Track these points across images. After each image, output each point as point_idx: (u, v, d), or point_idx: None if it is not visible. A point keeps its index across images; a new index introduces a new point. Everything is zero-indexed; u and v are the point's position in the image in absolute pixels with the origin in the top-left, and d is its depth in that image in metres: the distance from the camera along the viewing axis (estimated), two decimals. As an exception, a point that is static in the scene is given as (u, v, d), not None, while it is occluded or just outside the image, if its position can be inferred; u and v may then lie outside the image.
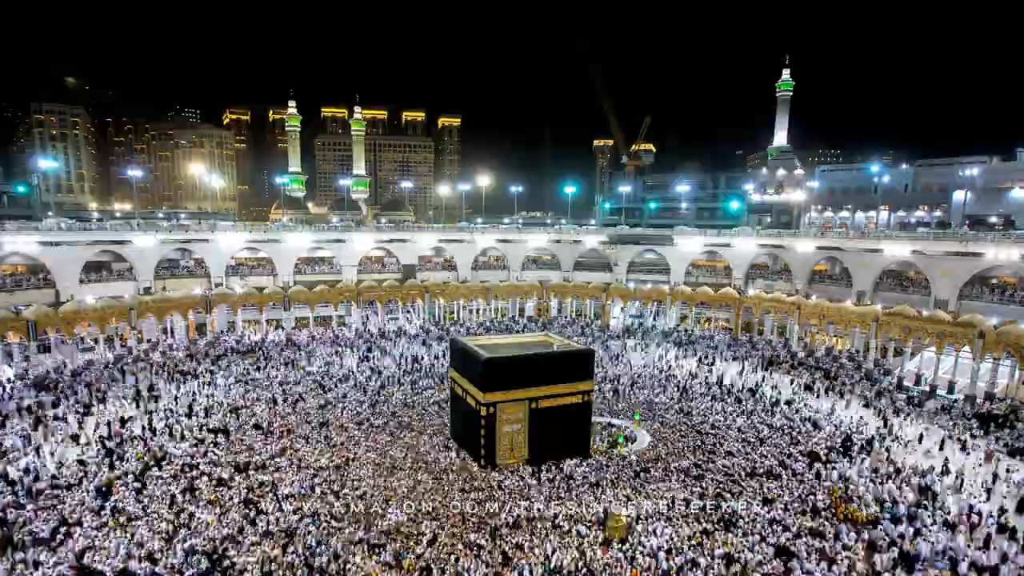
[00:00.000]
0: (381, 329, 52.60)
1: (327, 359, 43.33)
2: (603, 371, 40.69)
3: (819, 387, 38.15)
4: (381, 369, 41.17)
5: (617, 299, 59.12)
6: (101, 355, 40.78)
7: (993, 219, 59.00)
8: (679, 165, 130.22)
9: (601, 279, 63.40)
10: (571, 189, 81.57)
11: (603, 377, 39.14)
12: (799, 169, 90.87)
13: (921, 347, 40.82)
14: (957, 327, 37.70)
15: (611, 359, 45.07)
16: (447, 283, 59.58)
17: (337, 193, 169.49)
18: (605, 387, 37.27)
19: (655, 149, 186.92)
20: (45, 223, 50.73)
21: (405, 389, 36.82)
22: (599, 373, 38.26)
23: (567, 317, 60.12)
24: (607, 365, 43.17)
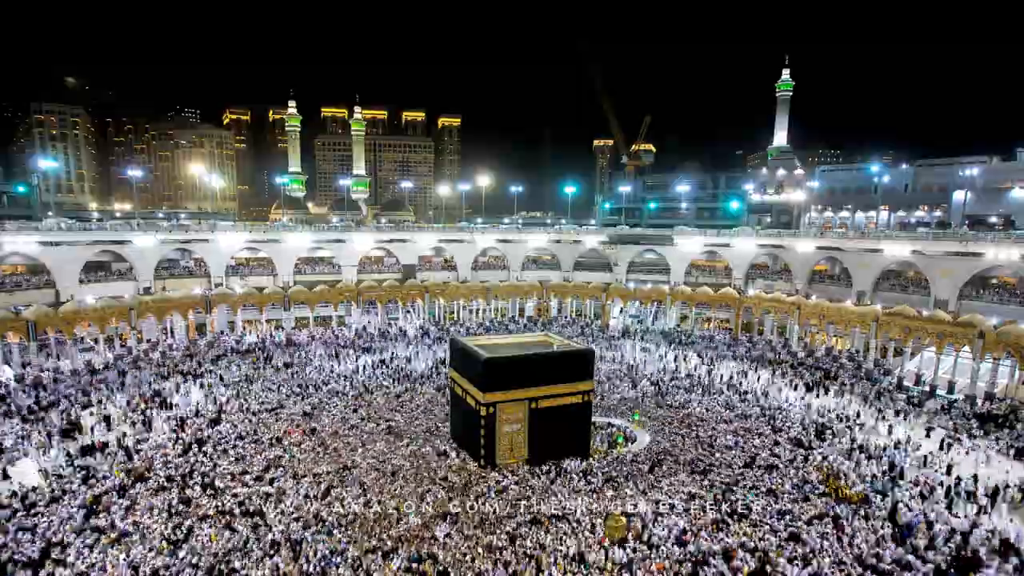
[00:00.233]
0: (381, 329, 52.60)
1: (315, 361, 42.38)
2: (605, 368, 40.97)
3: (793, 382, 39.19)
4: (362, 372, 40.08)
5: (617, 299, 59.11)
6: (101, 355, 40.79)
7: (993, 219, 59.05)
8: (679, 165, 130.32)
9: (601, 279, 63.40)
10: (571, 189, 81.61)
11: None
12: (799, 169, 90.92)
13: (921, 347, 40.82)
14: (957, 327, 37.69)
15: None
16: (447, 283, 59.57)
17: (337, 193, 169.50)
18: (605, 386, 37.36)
19: (655, 149, 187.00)
20: (45, 223, 50.75)
21: (390, 392, 35.69)
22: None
23: (567, 317, 60.10)
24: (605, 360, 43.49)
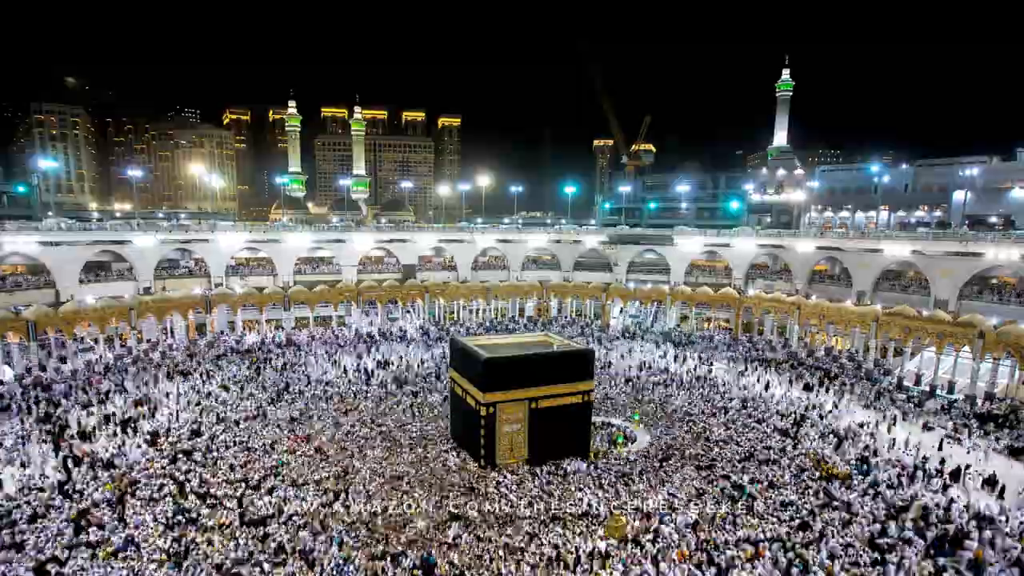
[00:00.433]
0: (379, 330, 52.59)
1: (312, 364, 41.99)
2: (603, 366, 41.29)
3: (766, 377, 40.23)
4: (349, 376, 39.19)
5: (617, 299, 59.12)
6: (101, 355, 40.79)
7: (993, 219, 59.01)
8: (679, 165, 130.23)
9: (601, 279, 63.39)
10: (571, 189, 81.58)
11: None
12: (799, 169, 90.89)
13: (921, 347, 40.81)
14: (957, 327, 37.69)
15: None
16: (447, 283, 59.57)
17: (337, 193, 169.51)
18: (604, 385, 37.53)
19: (655, 149, 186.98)
20: (45, 223, 50.72)
21: (389, 397, 34.99)
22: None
23: (567, 317, 60.10)
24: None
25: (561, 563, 17.76)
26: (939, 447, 28.17)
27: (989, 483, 24.45)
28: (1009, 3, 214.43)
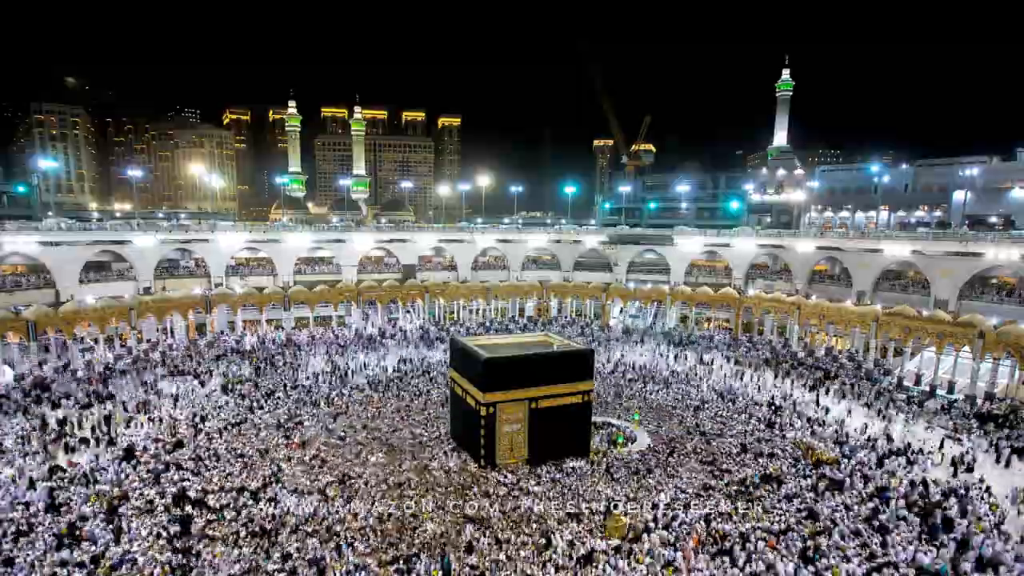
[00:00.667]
0: (379, 330, 52.58)
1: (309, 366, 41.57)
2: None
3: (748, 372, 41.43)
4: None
5: (617, 299, 59.12)
6: (101, 355, 40.79)
7: (993, 219, 59.00)
8: (679, 165, 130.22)
9: (601, 279, 63.39)
10: (571, 189, 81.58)
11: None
12: (799, 169, 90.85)
13: (921, 347, 40.81)
14: (957, 327, 37.69)
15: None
16: (447, 283, 59.57)
17: (337, 193, 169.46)
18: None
19: (655, 149, 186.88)
20: (45, 223, 50.72)
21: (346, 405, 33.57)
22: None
23: (567, 317, 60.10)
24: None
25: (591, 563, 17.81)
26: (940, 446, 28.19)
27: (954, 464, 26.16)
28: (1009, 3, 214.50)
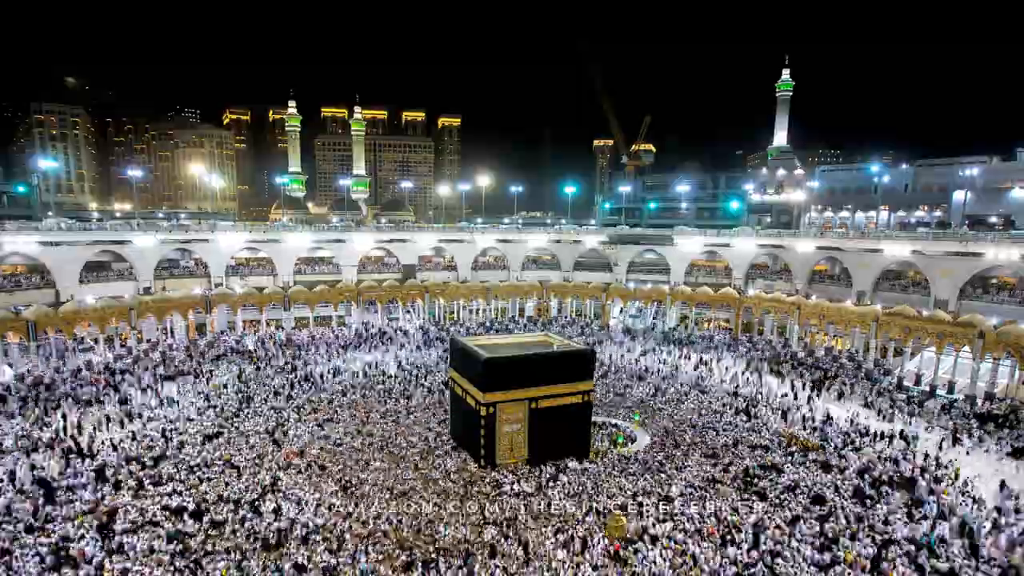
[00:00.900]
0: (381, 329, 52.59)
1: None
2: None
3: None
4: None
5: (617, 299, 59.11)
6: (101, 355, 40.77)
7: (993, 219, 58.99)
8: (679, 165, 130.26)
9: (601, 279, 63.38)
10: (571, 189, 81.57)
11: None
12: (799, 169, 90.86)
13: (921, 347, 40.79)
14: (957, 327, 37.68)
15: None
16: (447, 283, 59.57)
17: (337, 193, 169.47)
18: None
19: (655, 149, 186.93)
20: (45, 223, 50.73)
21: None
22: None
23: (567, 317, 60.08)
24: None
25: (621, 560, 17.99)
26: (940, 447, 28.19)
27: (903, 439, 28.82)
28: (1009, 3, 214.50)
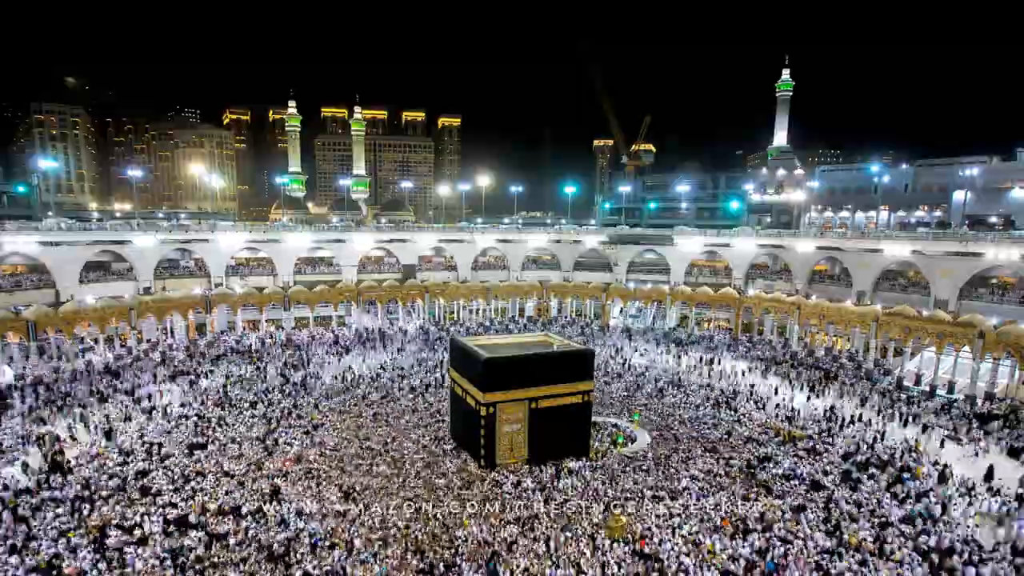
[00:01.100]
0: (381, 329, 52.60)
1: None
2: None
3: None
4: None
5: (617, 299, 59.11)
6: (101, 356, 40.75)
7: (993, 219, 58.99)
8: (679, 165, 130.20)
9: (601, 279, 63.39)
10: (571, 189, 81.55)
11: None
12: (799, 169, 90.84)
13: (921, 347, 40.81)
14: (957, 327, 37.68)
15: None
16: (447, 283, 59.57)
17: (337, 193, 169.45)
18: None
19: (655, 149, 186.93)
20: (45, 223, 50.72)
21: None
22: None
23: (567, 317, 60.10)
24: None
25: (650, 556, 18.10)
26: (941, 446, 28.20)
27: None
28: (1009, 3, 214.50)
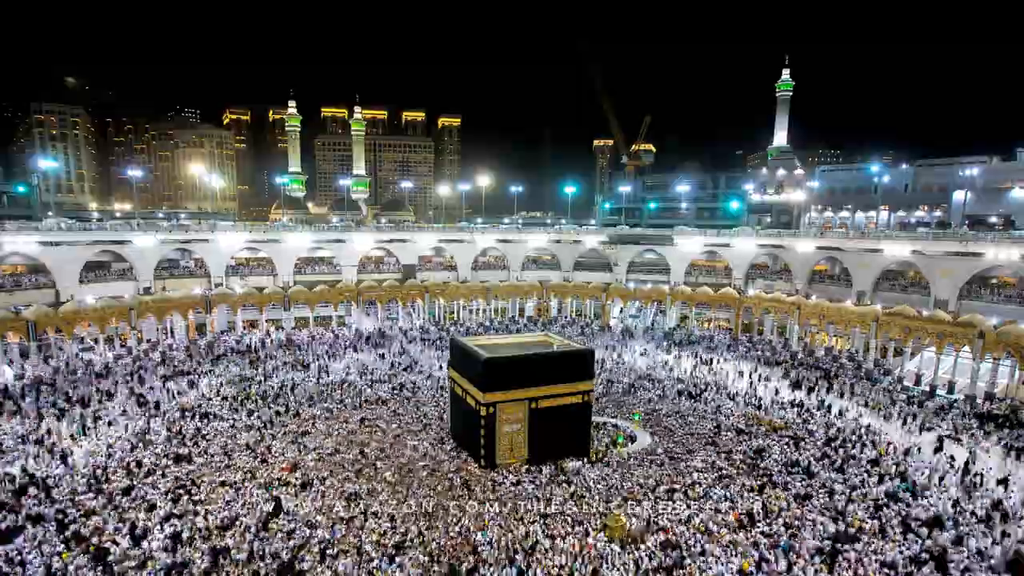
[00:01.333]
0: (380, 329, 52.61)
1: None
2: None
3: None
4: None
5: (617, 299, 59.11)
6: (101, 355, 40.74)
7: (993, 219, 59.00)
8: (679, 165, 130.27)
9: (601, 279, 63.39)
10: (571, 189, 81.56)
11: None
12: (799, 169, 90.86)
13: (921, 347, 40.80)
14: (957, 327, 37.68)
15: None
16: (447, 283, 59.57)
17: (337, 193, 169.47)
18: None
19: (655, 149, 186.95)
20: (45, 223, 50.72)
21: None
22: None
23: (567, 317, 60.09)
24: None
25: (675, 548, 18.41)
26: (940, 446, 28.16)
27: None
28: (1009, 3, 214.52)
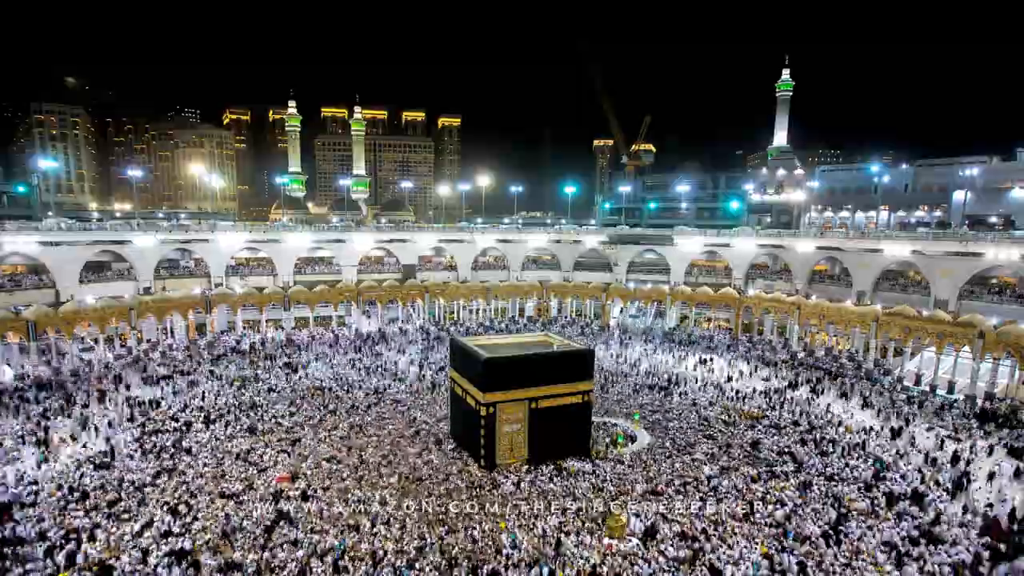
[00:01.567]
0: (381, 329, 52.59)
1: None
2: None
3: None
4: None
5: (617, 299, 59.11)
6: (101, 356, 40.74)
7: (993, 219, 58.97)
8: (679, 165, 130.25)
9: (601, 279, 63.39)
10: (571, 189, 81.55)
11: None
12: (799, 169, 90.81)
13: (921, 347, 40.81)
14: (957, 327, 37.69)
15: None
16: (447, 283, 59.58)
17: (337, 193, 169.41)
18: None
19: (655, 149, 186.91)
20: (45, 223, 50.71)
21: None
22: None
23: (567, 317, 60.10)
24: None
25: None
26: (940, 445, 28.18)
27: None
28: (1009, 3, 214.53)
